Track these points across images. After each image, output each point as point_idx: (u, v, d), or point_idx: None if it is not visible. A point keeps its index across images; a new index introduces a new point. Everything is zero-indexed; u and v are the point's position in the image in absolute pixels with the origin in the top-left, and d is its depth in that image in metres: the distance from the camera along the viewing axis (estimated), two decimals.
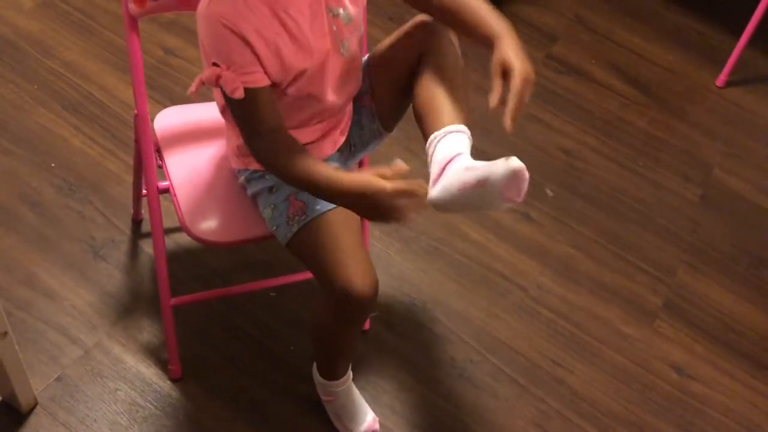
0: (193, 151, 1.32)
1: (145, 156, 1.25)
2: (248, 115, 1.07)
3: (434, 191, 1.02)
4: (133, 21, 1.18)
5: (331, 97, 1.15)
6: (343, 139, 1.26)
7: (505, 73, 0.97)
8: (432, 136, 1.08)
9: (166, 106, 1.40)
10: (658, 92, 2.25)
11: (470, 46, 2.26)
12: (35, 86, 1.84)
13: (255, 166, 1.19)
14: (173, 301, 1.35)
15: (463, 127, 1.09)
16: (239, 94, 1.02)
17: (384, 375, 1.50)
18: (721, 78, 2.32)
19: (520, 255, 1.75)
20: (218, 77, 1.02)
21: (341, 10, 1.10)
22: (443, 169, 1.03)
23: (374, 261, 1.56)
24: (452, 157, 1.03)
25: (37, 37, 1.94)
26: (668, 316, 1.70)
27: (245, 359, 1.47)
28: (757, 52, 2.39)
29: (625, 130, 2.11)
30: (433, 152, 1.07)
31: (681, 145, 2.10)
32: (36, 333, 1.43)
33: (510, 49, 0.98)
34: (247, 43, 1.02)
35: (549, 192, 1.90)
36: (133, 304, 1.51)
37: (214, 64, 1.03)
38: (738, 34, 2.25)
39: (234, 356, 1.47)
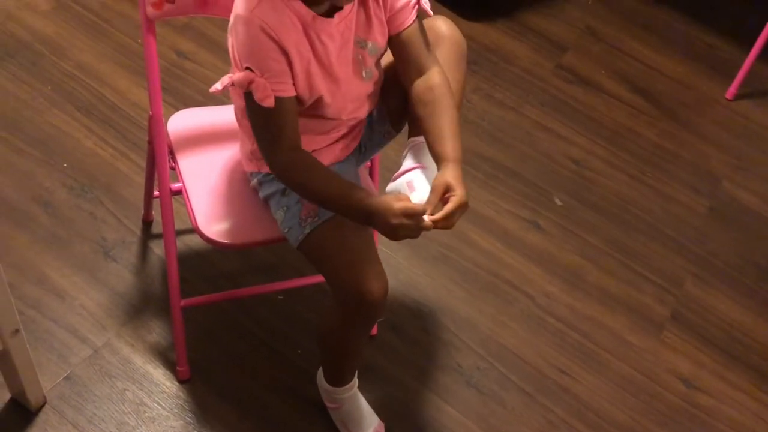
0: (206, 153, 1.33)
1: (158, 157, 1.26)
2: (272, 126, 1.07)
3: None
4: (150, 23, 1.19)
5: (347, 116, 1.17)
6: (355, 144, 1.27)
7: (445, 193, 1.07)
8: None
9: (178, 109, 1.41)
10: (668, 104, 2.25)
11: (479, 56, 2.26)
12: (49, 87, 1.85)
13: (267, 169, 1.20)
14: (183, 302, 1.36)
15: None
16: (269, 102, 1.02)
17: (390, 381, 1.50)
18: (731, 91, 2.32)
19: (528, 263, 1.75)
20: (251, 82, 1.02)
21: (370, 44, 1.11)
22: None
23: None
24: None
25: (51, 38, 1.96)
26: (675, 327, 1.70)
27: (253, 361, 1.47)
28: (765, 66, 2.40)
29: (635, 141, 2.11)
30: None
31: (690, 157, 2.11)
32: (46, 332, 1.44)
33: (455, 176, 1.07)
34: (286, 54, 1.02)
35: (557, 201, 1.90)
36: (143, 305, 1.51)
37: (247, 68, 1.03)
38: (748, 48, 2.25)
39: (242, 358, 1.47)
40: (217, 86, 1.05)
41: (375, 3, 1.10)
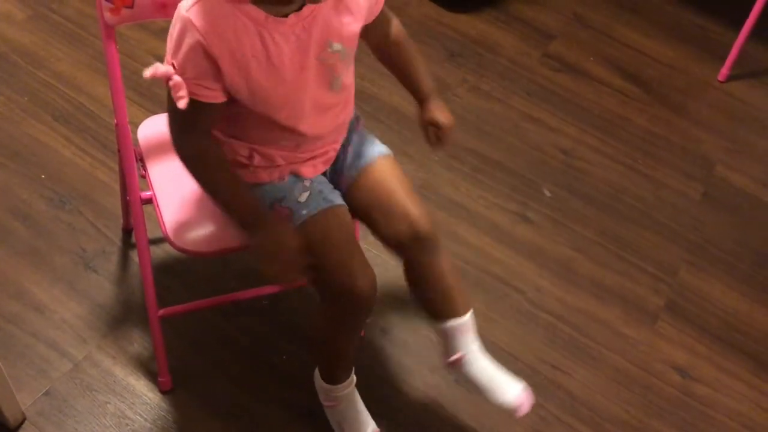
0: (177, 160, 1.30)
1: (126, 166, 1.23)
2: (184, 120, 1.05)
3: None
4: (110, 30, 1.16)
5: (309, 129, 1.12)
6: (324, 168, 1.21)
7: (432, 124, 1.25)
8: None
9: (158, 114, 1.38)
10: (659, 89, 2.21)
11: (464, 47, 2.22)
12: (26, 98, 1.83)
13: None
14: (161, 312, 1.33)
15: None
16: (182, 104, 1.00)
17: (379, 381, 1.47)
18: (723, 72, 2.27)
19: (518, 257, 1.72)
20: (169, 79, 1.00)
21: (339, 46, 1.07)
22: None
23: None
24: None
25: (28, 48, 1.94)
26: (670, 317, 1.66)
27: (237, 369, 1.45)
28: (759, 45, 2.35)
29: (625, 128, 2.07)
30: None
31: (682, 142, 2.07)
32: (25, 347, 1.42)
33: (437, 109, 1.25)
34: (212, 59, 0.99)
35: (547, 192, 1.87)
36: (124, 316, 1.49)
37: (172, 65, 1.00)
38: (739, 28, 2.21)
39: (225, 366, 1.45)
40: (147, 73, 1.00)
41: (348, 3, 1.05)
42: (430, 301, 1.27)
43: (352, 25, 1.08)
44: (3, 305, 1.47)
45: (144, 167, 1.28)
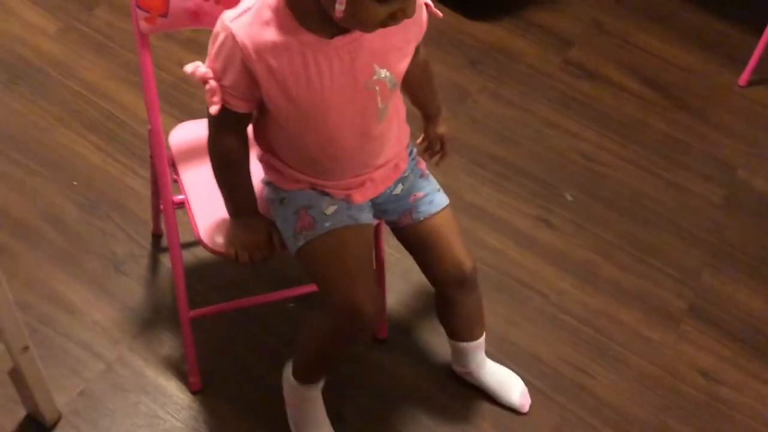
0: (208, 164, 1.33)
1: (159, 171, 1.27)
2: (217, 120, 1.09)
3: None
4: (145, 38, 1.20)
5: (349, 157, 1.13)
6: (370, 197, 1.22)
7: (441, 138, 1.38)
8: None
9: (188, 121, 1.42)
10: (679, 94, 2.22)
11: (485, 55, 2.25)
12: (58, 107, 1.88)
13: (270, 175, 1.20)
14: (191, 313, 1.36)
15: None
16: (214, 110, 1.04)
17: (404, 383, 1.49)
18: (744, 77, 2.28)
19: (540, 261, 1.74)
20: (206, 82, 1.03)
21: (386, 72, 1.07)
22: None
23: (392, 269, 1.58)
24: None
25: (59, 59, 1.99)
26: (694, 320, 1.67)
27: (265, 370, 1.47)
28: None
29: (645, 133, 2.08)
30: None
31: (703, 147, 2.07)
32: (59, 348, 1.46)
33: (443, 125, 1.37)
34: (251, 72, 1.01)
35: (569, 197, 1.88)
36: (154, 318, 1.52)
37: (211, 68, 1.03)
38: (759, 33, 2.21)
39: (254, 367, 1.48)
40: (188, 69, 1.04)
41: (397, 29, 1.02)
42: (454, 325, 1.39)
43: (403, 53, 1.08)
44: (37, 308, 1.51)
45: (176, 172, 1.31)
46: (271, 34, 0.99)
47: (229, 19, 1.01)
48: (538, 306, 1.65)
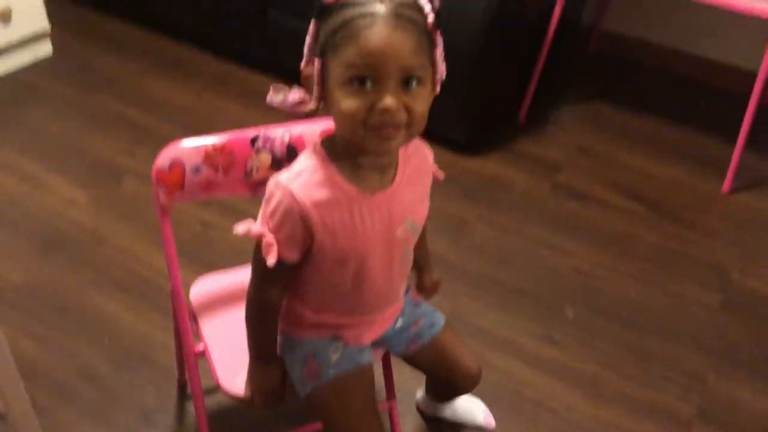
0: (227, 314, 1.47)
1: (180, 325, 1.40)
2: (266, 273, 1.15)
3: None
4: (165, 209, 1.37)
5: (373, 297, 1.24)
6: (373, 338, 1.32)
7: (434, 285, 1.45)
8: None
9: (205, 275, 1.56)
10: (666, 206, 2.35)
11: (479, 186, 2.40)
12: (91, 271, 2.05)
13: (286, 326, 1.30)
14: None
15: None
16: (271, 262, 1.12)
17: None
18: (726, 184, 2.42)
19: (548, 378, 1.80)
20: (262, 237, 1.10)
21: (413, 222, 1.20)
22: None
23: (407, 392, 1.65)
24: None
25: (91, 228, 2.19)
26: (704, 424, 1.70)
27: None
28: (756, 155, 2.51)
29: (638, 246, 2.20)
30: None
31: (695, 254, 2.17)
32: None
33: (435, 276, 1.45)
34: (308, 227, 1.10)
35: (569, 313, 1.97)
36: None
37: (265, 225, 1.11)
38: (735, 141, 2.37)
39: None
40: (239, 230, 1.13)
41: (419, 181, 1.18)
42: (445, 397, 1.60)
43: (424, 203, 1.23)
44: None
45: (196, 323, 1.44)
46: (323, 192, 1.10)
47: (285, 180, 1.09)
48: (549, 423, 1.71)
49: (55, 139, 2.50)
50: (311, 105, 1.08)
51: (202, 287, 1.53)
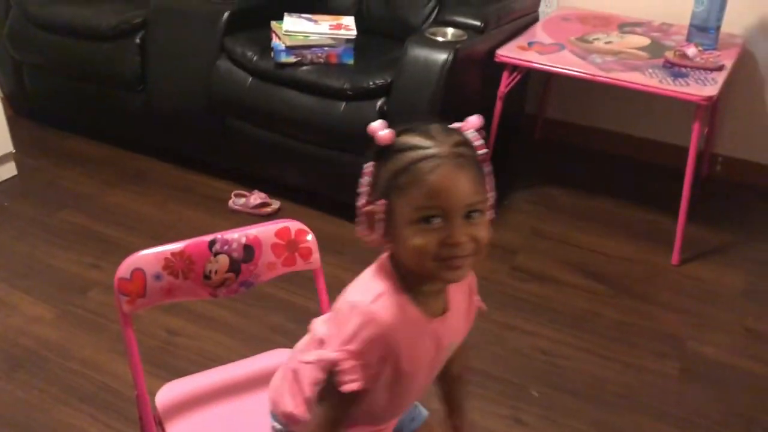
0: (193, 417, 1.48)
1: (147, 430, 1.41)
2: (341, 403, 1.13)
3: None
4: (127, 317, 1.41)
5: (401, 410, 1.28)
6: None
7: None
8: None
9: (170, 381, 1.58)
10: (621, 281, 2.44)
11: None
12: (56, 387, 2.04)
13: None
14: None
15: None
16: (355, 387, 1.09)
17: None
18: (675, 257, 2.52)
19: None
20: (339, 363, 1.06)
21: (455, 343, 1.22)
22: None
23: None
24: None
25: (56, 342, 2.19)
26: None
27: None
28: (699, 227, 2.64)
29: (597, 322, 2.27)
30: None
31: (651, 326, 2.25)
32: None
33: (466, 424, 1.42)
34: (391, 348, 1.08)
35: (534, 393, 2.01)
36: None
37: (343, 351, 1.06)
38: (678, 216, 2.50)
39: None
40: (310, 358, 1.12)
41: (469, 310, 1.21)
42: None
43: (468, 325, 1.26)
44: None
45: (162, 429, 1.45)
46: (399, 317, 1.10)
47: (366, 303, 1.07)
48: None
49: (21, 258, 2.53)
50: (375, 241, 1.09)
51: (169, 392, 1.54)
